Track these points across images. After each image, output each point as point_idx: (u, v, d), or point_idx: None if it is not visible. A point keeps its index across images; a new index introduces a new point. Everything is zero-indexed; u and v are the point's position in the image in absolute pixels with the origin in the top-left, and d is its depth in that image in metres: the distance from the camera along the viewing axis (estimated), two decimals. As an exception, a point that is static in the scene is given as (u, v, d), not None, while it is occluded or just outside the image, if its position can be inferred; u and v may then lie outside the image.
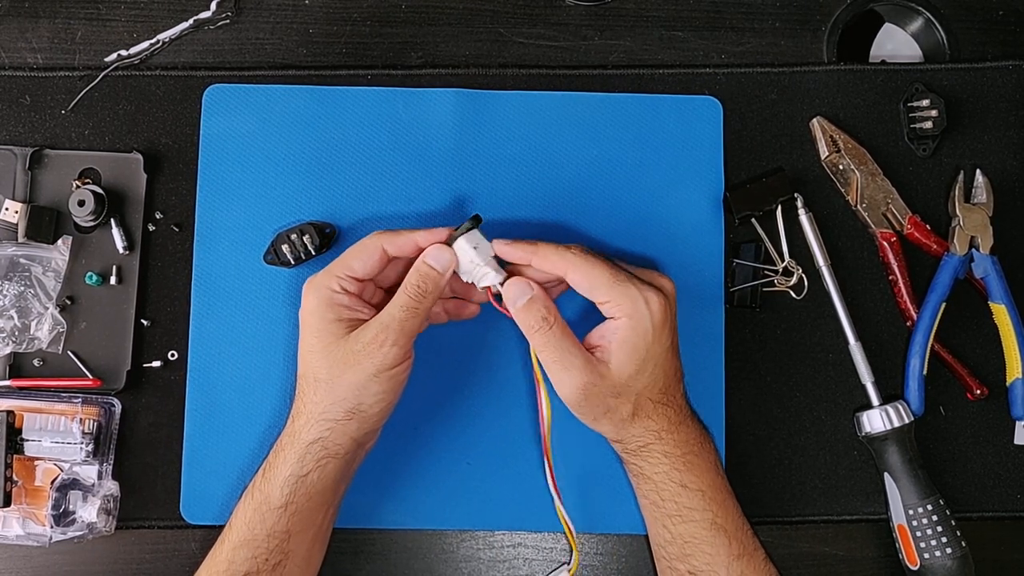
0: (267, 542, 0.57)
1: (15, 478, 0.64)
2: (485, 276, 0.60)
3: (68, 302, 0.67)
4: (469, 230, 0.59)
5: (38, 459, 0.65)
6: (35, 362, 0.66)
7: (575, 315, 0.66)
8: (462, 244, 0.59)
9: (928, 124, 0.68)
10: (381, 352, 0.57)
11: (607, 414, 0.59)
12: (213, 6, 0.70)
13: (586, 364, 0.58)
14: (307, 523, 0.59)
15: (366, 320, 0.58)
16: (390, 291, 0.61)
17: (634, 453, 0.61)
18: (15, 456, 0.64)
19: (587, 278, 0.58)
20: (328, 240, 0.67)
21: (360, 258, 0.59)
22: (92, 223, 0.67)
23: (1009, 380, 0.67)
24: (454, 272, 0.60)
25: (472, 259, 0.59)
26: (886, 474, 0.66)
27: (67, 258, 0.67)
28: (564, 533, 0.64)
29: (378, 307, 0.59)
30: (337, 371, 0.57)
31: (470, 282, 0.61)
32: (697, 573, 0.59)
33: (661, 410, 0.59)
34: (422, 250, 0.59)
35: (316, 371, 0.58)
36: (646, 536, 0.64)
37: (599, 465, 0.66)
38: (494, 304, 0.60)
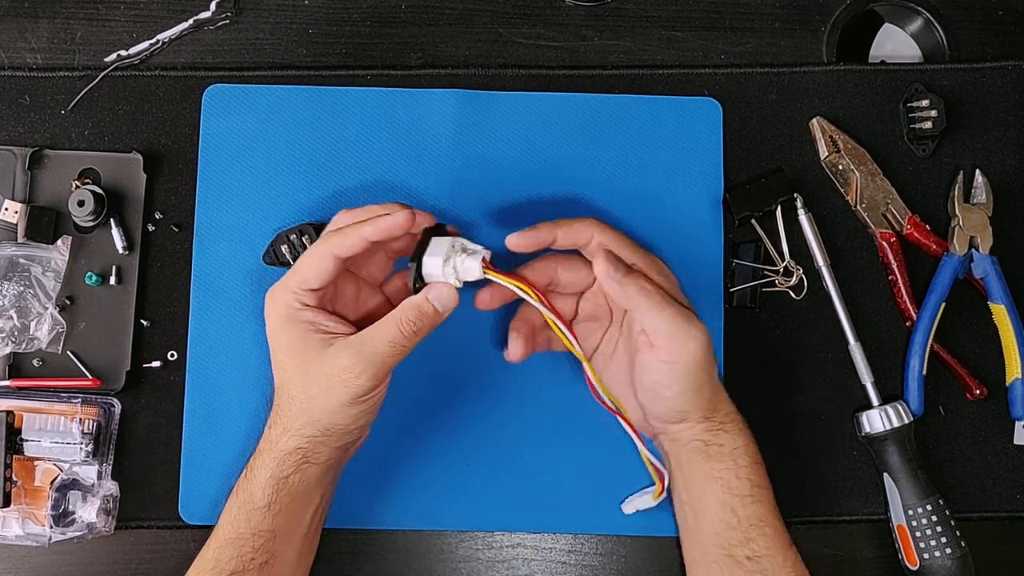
0: (252, 541, 0.57)
1: (14, 478, 0.64)
2: (474, 255, 0.57)
3: (68, 302, 0.67)
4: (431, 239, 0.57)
5: (37, 459, 0.65)
6: (35, 362, 0.66)
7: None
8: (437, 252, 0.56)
9: (928, 124, 0.68)
10: (357, 383, 0.55)
11: (710, 378, 0.60)
12: (213, 6, 0.70)
13: (699, 327, 0.58)
14: (293, 524, 0.58)
15: (334, 332, 0.57)
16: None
17: (719, 427, 0.60)
18: (14, 456, 0.64)
19: (628, 297, 0.58)
20: (328, 240, 0.67)
21: (314, 269, 0.56)
22: (92, 223, 0.67)
23: (1008, 380, 0.67)
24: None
25: (444, 264, 0.57)
26: (885, 474, 0.66)
27: (67, 258, 0.67)
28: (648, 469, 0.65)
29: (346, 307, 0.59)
30: (311, 393, 0.56)
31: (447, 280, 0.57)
32: (756, 558, 0.58)
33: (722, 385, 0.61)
34: (372, 244, 0.56)
35: (290, 389, 0.57)
36: (645, 538, 0.65)
37: (599, 465, 0.66)
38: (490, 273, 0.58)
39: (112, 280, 0.67)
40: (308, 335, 0.56)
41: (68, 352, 0.66)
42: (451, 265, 0.56)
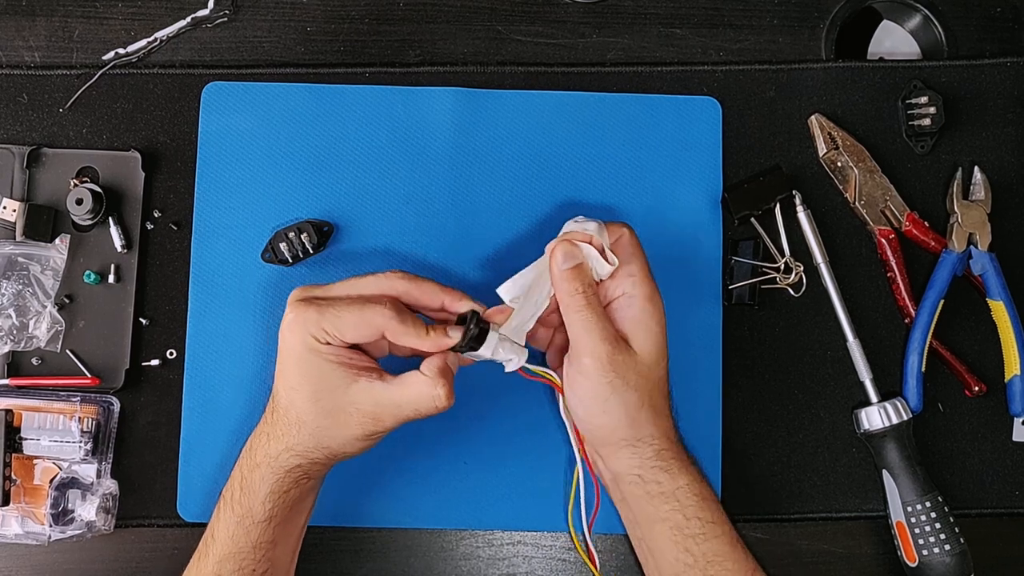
0: (253, 553, 0.56)
1: (14, 477, 0.64)
2: (508, 363, 0.57)
3: (66, 300, 0.67)
4: (476, 339, 0.55)
5: (37, 458, 0.65)
6: (34, 361, 0.66)
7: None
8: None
9: (926, 121, 0.69)
10: (375, 426, 0.55)
11: (624, 396, 0.56)
12: (211, 4, 0.70)
13: (615, 335, 0.56)
14: (290, 530, 0.59)
15: (359, 368, 0.55)
16: None
17: (651, 463, 0.58)
18: (14, 455, 0.64)
19: (634, 244, 0.58)
20: (326, 238, 0.67)
21: (358, 329, 0.54)
22: (90, 222, 0.67)
23: (1007, 377, 0.67)
24: None
25: (488, 355, 0.57)
26: (884, 471, 0.66)
27: (65, 257, 0.67)
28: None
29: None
30: (325, 423, 0.55)
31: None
32: None
33: (668, 412, 0.59)
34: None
35: (300, 414, 0.55)
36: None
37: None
38: (525, 376, 0.58)
39: (111, 278, 0.67)
40: (332, 367, 0.55)
41: (67, 351, 0.66)
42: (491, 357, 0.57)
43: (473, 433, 0.66)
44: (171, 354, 0.67)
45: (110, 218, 0.67)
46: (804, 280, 0.68)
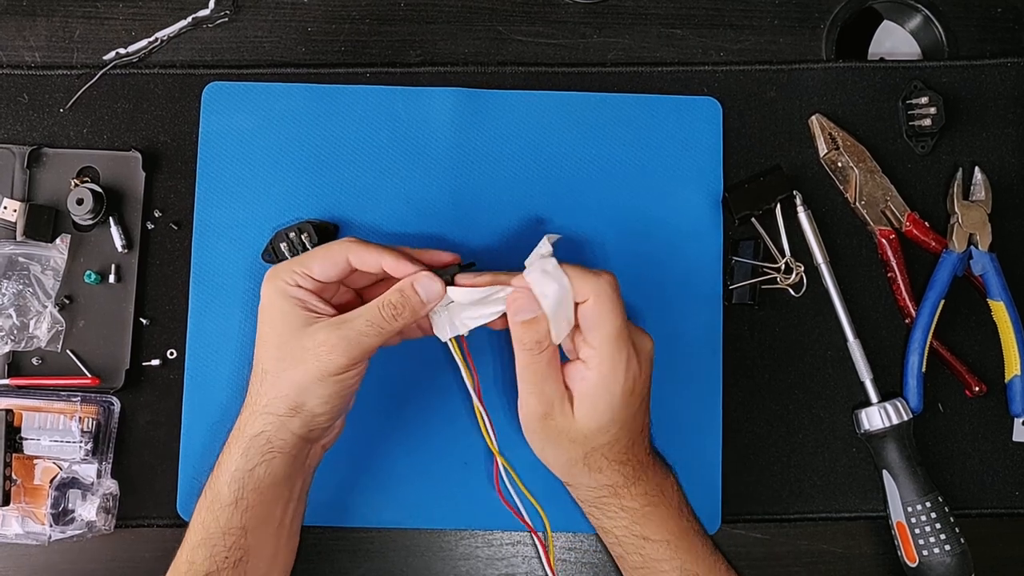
0: (223, 539, 0.56)
1: (14, 477, 0.64)
2: (441, 330, 0.58)
3: (67, 301, 0.67)
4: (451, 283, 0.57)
5: (37, 458, 0.65)
6: (34, 361, 0.66)
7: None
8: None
9: (927, 121, 0.69)
10: (328, 358, 0.55)
11: (555, 451, 0.58)
12: (211, 4, 0.70)
13: (554, 398, 0.56)
14: (263, 519, 0.57)
15: (320, 313, 0.57)
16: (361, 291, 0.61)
17: (590, 504, 0.60)
18: (14, 455, 0.64)
19: (599, 315, 0.54)
20: (327, 238, 0.67)
21: (322, 262, 0.57)
22: (91, 221, 0.67)
23: (1008, 377, 0.67)
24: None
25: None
26: (885, 471, 0.66)
27: (66, 256, 0.67)
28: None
29: (343, 307, 0.58)
30: (283, 365, 0.56)
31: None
32: None
33: (617, 467, 0.58)
34: (386, 273, 0.58)
35: (264, 362, 0.57)
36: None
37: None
38: (453, 349, 0.59)
39: (111, 278, 0.67)
40: (295, 310, 0.56)
41: (67, 351, 0.66)
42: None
43: (472, 433, 0.66)
44: (171, 354, 0.67)
45: (110, 218, 0.67)
46: (804, 280, 0.68)
